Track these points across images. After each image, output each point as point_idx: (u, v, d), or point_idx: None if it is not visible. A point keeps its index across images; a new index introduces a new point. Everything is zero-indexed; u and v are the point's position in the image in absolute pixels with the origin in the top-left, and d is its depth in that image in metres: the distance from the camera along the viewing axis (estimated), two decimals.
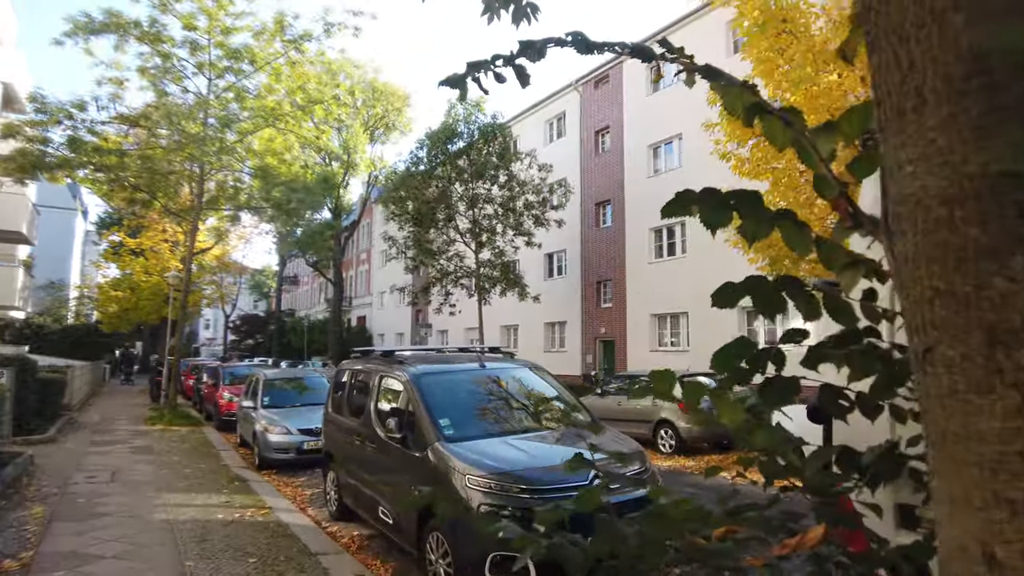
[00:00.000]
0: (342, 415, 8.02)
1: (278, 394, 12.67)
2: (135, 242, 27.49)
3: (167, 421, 16.21)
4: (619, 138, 26.91)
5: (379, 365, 7.33)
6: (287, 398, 12.60)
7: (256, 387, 12.98)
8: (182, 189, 18.05)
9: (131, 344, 53.38)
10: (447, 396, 6.32)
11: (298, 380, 13.23)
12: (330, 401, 8.67)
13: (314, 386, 13.19)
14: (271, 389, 12.69)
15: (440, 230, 24.97)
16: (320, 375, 13.61)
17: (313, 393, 12.96)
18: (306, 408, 12.27)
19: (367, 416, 7.05)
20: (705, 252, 22.92)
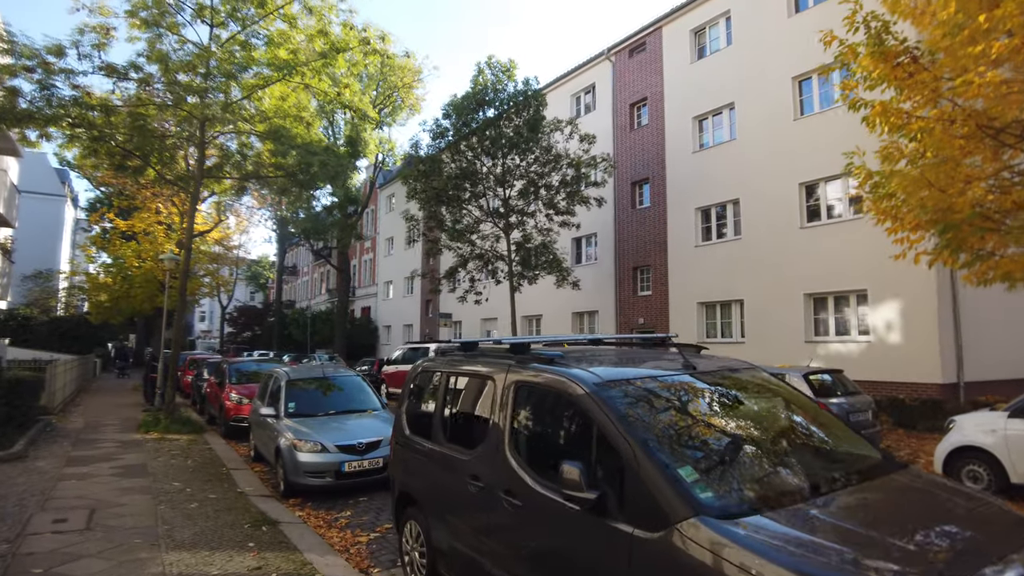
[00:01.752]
0: (431, 440, 5.24)
1: (306, 399, 9.83)
2: (126, 224, 24.46)
3: (163, 428, 13.35)
4: (658, 111, 24.14)
5: (501, 365, 4.56)
6: (317, 403, 9.78)
7: (276, 390, 10.15)
8: (179, 154, 15.07)
9: (124, 337, 50.39)
10: (670, 426, 3.55)
11: (329, 381, 10.38)
12: (404, 416, 5.88)
13: (350, 388, 10.37)
14: (297, 393, 9.84)
15: (466, 209, 22.12)
16: (354, 373, 10.76)
17: (349, 396, 10.16)
18: (343, 417, 9.49)
19: (492, 449, 4.29)
20: (763, 233, 20.25)
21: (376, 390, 10.56)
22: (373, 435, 8.91)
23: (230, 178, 15.14)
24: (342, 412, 9.60)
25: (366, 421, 9.42)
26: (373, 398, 10.23)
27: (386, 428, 9.16)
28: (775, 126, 20.15)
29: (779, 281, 19.55)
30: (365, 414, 9.69)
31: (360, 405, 9.95)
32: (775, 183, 19.91)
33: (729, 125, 21.88)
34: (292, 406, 9.53)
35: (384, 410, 10.03)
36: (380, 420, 9.51)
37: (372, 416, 9.65)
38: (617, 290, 25.10)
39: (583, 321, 27.25)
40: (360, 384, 10.48)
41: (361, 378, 10.67)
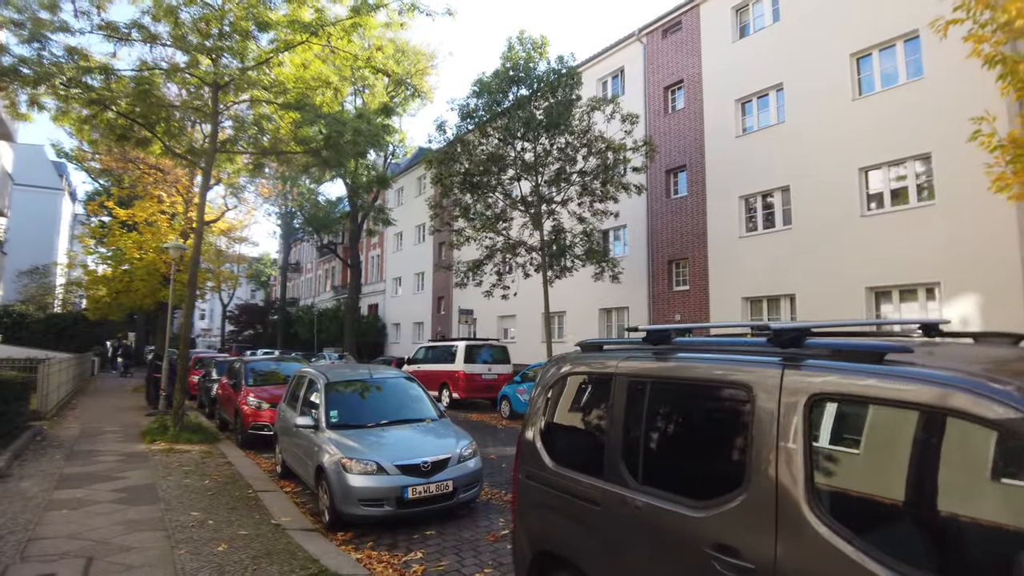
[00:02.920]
0: (606, 478, 3.41)
1: (350, 406, 7.96)
2: (126, 213, 22.50)
3: (172, 436, 11.46)
4: (696, 94, 22.36)
5: (766, 364, 2.72)
6: (365, 412, 7.91)
7: (312, 395, 8.30)
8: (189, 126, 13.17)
9: (123, 335, 48.40)
10: None
11: (377, 384, 8.49)
12: (538, 439, 4.05)
13: (401, 392, 8.50)
14: (339, 398, 7.97)
15: (494, 196, 20.27)
16: (404, 374, 8.88)
17: (402, 403, 8.30)
18: (397, 429, 7.63)
19: (764, 504, 2.48)
20: (817, 222, 18.47)
21: (431, 396, 8.71)
22: (439, 452, 7.08)
23: (246, 153, 13.25)
24: (395, 423, 7.74)
25: (426, 434, 7.58)
26: (429, 405, 8.39)
27: (452, 443, 7.35)
28: (830, 107, 18.41)
29: (836, 274, 17.81)
30: (422, 424, 7.85)
31: (415, 413, 8.11)
32: (831, 168, 18.18)
33: (776, 107, 20.13)
34: (335, 415, 7.66)
35: (444, 419, 8.19)
36: (443, 432, 7.67)
37: (432, 427, 7.81)
38: (650, 285, 23.31)
39: (611, 318, 25.45)
40: (413, 388, 8.63)
41: (416, 381, 8.81)
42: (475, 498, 7.42)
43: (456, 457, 7.13)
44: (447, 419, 8.21)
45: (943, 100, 16.09)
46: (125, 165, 23.39)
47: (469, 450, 7.39)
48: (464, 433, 7.80)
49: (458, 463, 7.13)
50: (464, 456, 7.25)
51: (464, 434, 7.75)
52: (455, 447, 7.26)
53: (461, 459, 7.19)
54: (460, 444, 7.37)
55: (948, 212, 15.85)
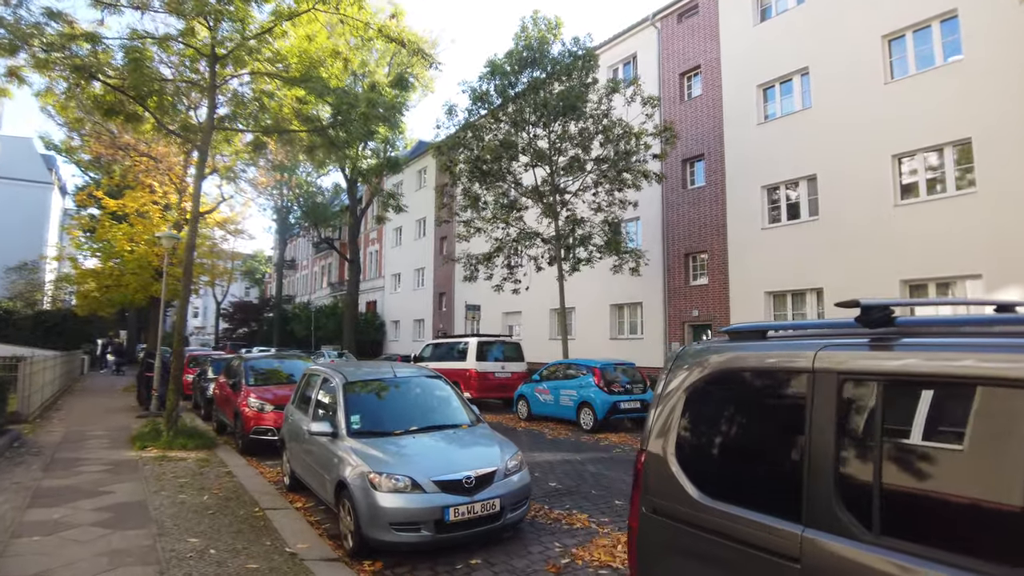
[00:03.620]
0: (804, 520, 2.30)
1: (373, 410, 6.80)
2: (116, 204, 21.19)
3: (165, 442, 10.26)
4: (714, 79, 21.29)
5: None
6: (391, 417, 6.74)
7: (328, 397, 7.14)
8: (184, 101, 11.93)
9: (115, 333, 47.03)
10: None
11: (402, 385, 7.30)
12: (675, 463, 2.92)
13: (430, 394, 7.34)
14: (360, 401, 6.81)
15: (505, 184, 19.12)
16: (433, 373, 7.69)
17: (431, 406, 7.15)
18: (429, 436, 6.46)
19: None
20: (847, 212, 17.44)
21: (463, 396, 7.55)
22: (482, 464, 5.95)
23: (246, 131, 12.06)
24: (426, 429, 6.58)
25: (464, 443, 6.44)
26: (463, 407, 7.25)
27: (496, 453, 6.22)
28: (860, 92, 17.38)
29: (868, 266, 16.80)
30: (457, 431, 6.70)
31: (448, 418, 6.96)
32: (861, 156, 17.17)
33: (801, 93, 19.09)
34: (356, 421, 6.50)
35: (481, 424, 7.04)
36: (483, 440, 6.53)
37: (469, 434, 6.66)
38: (666, 279, 22.23)
39: (623, 314, 24.36)
40: (443, 388, 7.47)
41: (445, 380, 7.65)
42: (523, 518, 6.30)
43: (502, 470, 6.01)
44: (484, 424, 7.07)
45: (984, 82, 15.11)
46: (115, 152, 22.07)
47: (515, 461, 6.27)
48: (507, 441, 6.67)
49: (504, 477, 6.00)
50: (511, 469, 6.13)
51: (507, 442, 6.63)
52: (500, 458, 6.13)
53: (507, 472, 6.07)
54: (505, 454, 6.24)
55: (990, 200, 14.85)
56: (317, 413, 7.32)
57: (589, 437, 12.66)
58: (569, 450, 11.07)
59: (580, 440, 12.22)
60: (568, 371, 14.15)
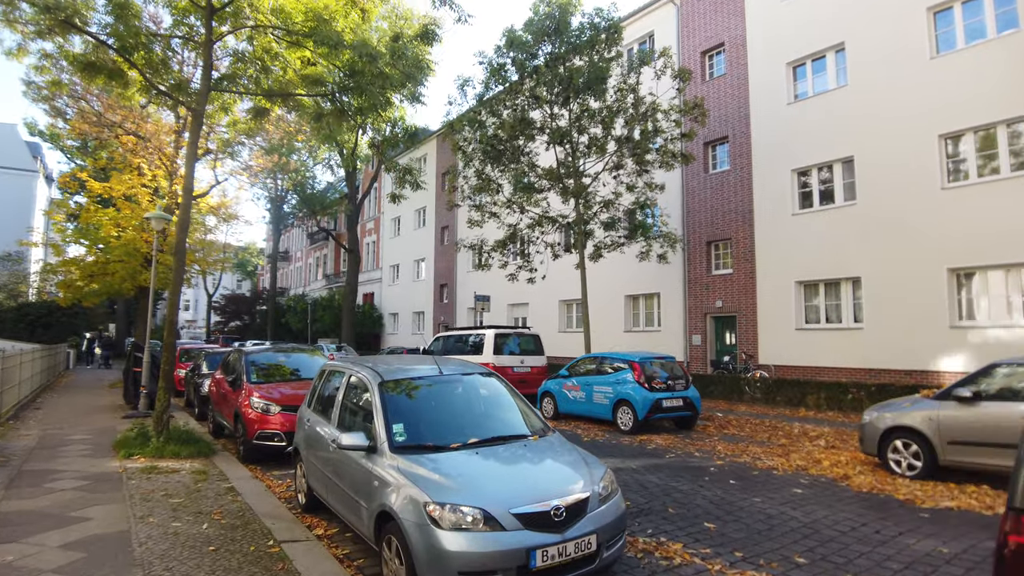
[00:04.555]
0: None
1: (420, 416, 5.28)
2: (102, 186, 19.43)
3: (154, 449, 8.70)
4: (739, 58, 19.88)
5: None
6: (443, 426, 5.21)
7: (358, 398, 5.64)
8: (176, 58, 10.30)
9: (104, 327, 45.15)
10: None
11: (453, 385, 5.73)
12: None
13: (486, 396, 5.82)
14: (403, 406, 5.29)
15: (521, 165, 17.61)
16: (480, 368, 6.15)
17: (488, 412, 5.65)
18: (496, 451, 4.94)
19: None
20: (887, 196, 16.10)
21: (524, 398, 6.05)
22: (570, 489, 4.48)
23: (246, 93, 10.46)
24: (488, 441, 5.07)
25: (540, 459, 4.95)
26: (529, 412, 5.76)
27: (583, 473, 4.77)
28: (902, 68, 16.05)
29: (911, 254, 15.52)
30: (527, 443, 5.20)
31: (511, 426, 5.46)
32: (904, 136, 15.86)
33: (836, 70, 17.72)
34: (401, 431, 4.99)
35: (553, 433, 5.54)
36: (563, 455, 5.05)
37: (542, 447, 5.16)
38: (686, 268, 20.85)
39: (638, 305, 22.96)
40: (501, 388, 5.97)
41: (500, 378, 6.15)
42: (620, 556, 4.85)
43: (596, 495, 4.55)
44: (556, 432, 5.58)
45: None
46: (100, 131, 20.31)
47: (607, 482, 4.81)
48: (592, 456, 5.20)
49: (599, 505, 4.55)
50: (604, 493, 4.67)
51: (593, 458, 5.16)
52: (590, 479, 4.67)
53: (602, 498, 4.61)
54: (595, 474, 4.78)
55: None
56: (344, 419, 5.82)
57: (630, 439, 11.24)
58: (615, 455, 9.64)
59: (621, 443, 10.80)
60: (602, 366, 12.71)
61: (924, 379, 15.09)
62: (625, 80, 16.27)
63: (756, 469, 8.68)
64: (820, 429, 11.77)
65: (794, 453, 9.63)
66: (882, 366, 15.95)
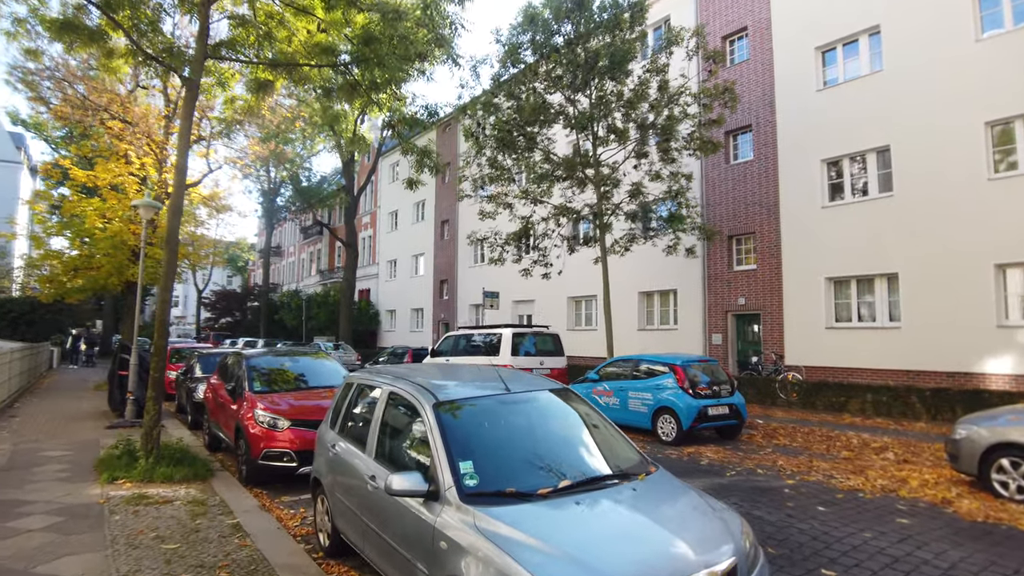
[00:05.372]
0: None
1: (493, 451, 4.01)
2: (86, 174, 17.93)
3: (143, 472, 7.36)
4: (763, 43, 18.72)
5: None
6: (523, 464, 3.93)
7: (404, 423, 4.37)
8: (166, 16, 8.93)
9: (92, 323, 43.42)
10: None
11: (521, 404, 4.43)
12: None
13: (571, 420, 4.52)
14: (467, 435, 4.00)
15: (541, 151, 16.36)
16: (554, 384, 4.86)
17: (578, 441, 4.36)
18: (603, 501, 3.64)
19: None
20: (928, 188, 15.00)
21: (611, 422, 4.79)
22: (713, 554, 3.23)
23: (247, 62, 9.11)
24: (583, 484, 3.77)
25: (661, 510, 3.67)
26: (622, 442, 4.49)
27: (717, 526, 3.53)
28: (944, 51, 14.95)
29: (954, 248, 14.45)
30: (636, 485, 3.88)
31: (605, 462, 4.18)
32: (946, 124, 14.78)
33: (870, 54, 16.59)
34: (471, 472, 3.69)
35: (659, 471, 4.23)
36: (683, 501, 3.80)
37: (655, 491, 3.89)
38: (705, 264, 19.69)
39: (653, 303, 21.79)
40: (583, 411, 4.68)
41: (577, 394, 4.89)
42: None
43: (743, 557, 3.32)
44: (661, 468, 4.30)
45: None
46: (84, 114, 18.79)
47: (748, 537, 3.59)
48: (715, 500, 3.96)
49: (750, 573, 3.33)
50: (752, 554, 3.46)
51: (717, 502, 3.91)
52: (729, 536, 3.43)
53: (751, 561, 3.39)
54: (733, 528, 3.55)
55: None
56: (384, 449, 4.55)
57: (675, 451, 10.06)
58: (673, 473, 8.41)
59: (668, 456, 9.61)
60: (638, 369, 11.49)
61: (968, 382, 14.06)
62: (654, 61, 15.02)
63: (837, 491, 7.51)
64: (880, 439, 10.64)
65: (870, 470, 8.47)
66: (921, 367, 14.89)
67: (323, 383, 9.30)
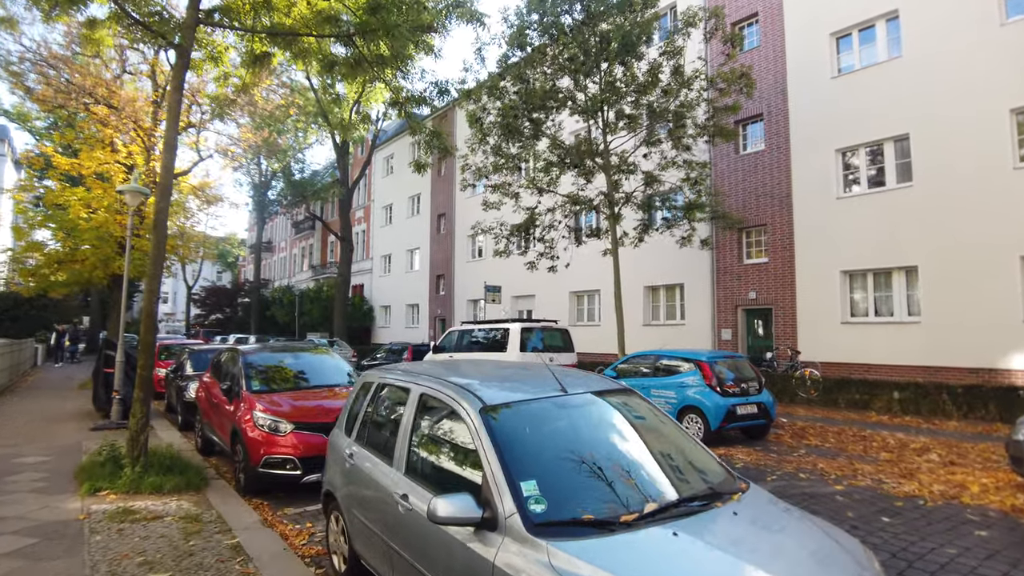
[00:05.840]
0: None
1: (560, 467, 3.25)
2: (69, 162, 16.95)
3: (130, 482, 6.55)
4: (775, 29, 18.06)
5: None
6: (597, 482, 3.18)
7: (436, 431, 3.60)
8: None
9: (79, 320, 42.15)
10: None
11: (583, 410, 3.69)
12: None
13: (643, 428, 3.78)
14: (526, 447, 3.25)
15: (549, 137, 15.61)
16: (615, 385, 4.14)
17: (656, 452, 3.59)
18: (703, 530, 2.88)
19: None
20: (949, 178, 14.39)
21: (685, 431, 4.05)
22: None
23: (243, 30, 8.28)
24: (674, 508, 3.03)
25: (773, 540, 2.93)
26: (703, 453, 3.73)
27: (843, 560, 2.76)
28: (967, 36, 14.35)
29: (977, 240, 13.86)
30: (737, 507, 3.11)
31: (691, 480, 3.43)
32: (969, 112, 14.18)
33: (887, 40, 15.96)
34: (536, 493, 2.94)
35: (753, 488, 3.48)
36: (796, 527, 3.06)
37: (758, 515, 3.13)
38: (714, 257, 19.03)
39: (659, 297, 21.11)
40: (654, 416, 3.95)
41: (643, 398, 4.15)
42: None
43: None
44: (755, 486, 3.55)
45: None
46: (67, 98, 17.78)
47: (878, 569, 2.86)
48: (824, 522, 3.22)
49: None
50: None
51: (830, 525, 3.18)
52: (859, 570, 2.70)
53: None
54: (859, 558, 2.83)
55: None
56: (416, 462, 3.79)
57: None
58: None
59: None
60: (659, 365, 10.78)
61: (992, 378, 13.48)
62: (671, 42, 14.29)
63: (894, 498, 6.84)
64: (917, 439, 9.99)
65: (920, 474, 7.80)
66: (942, 363, 14.31)
67: (326, 381, 8.53)
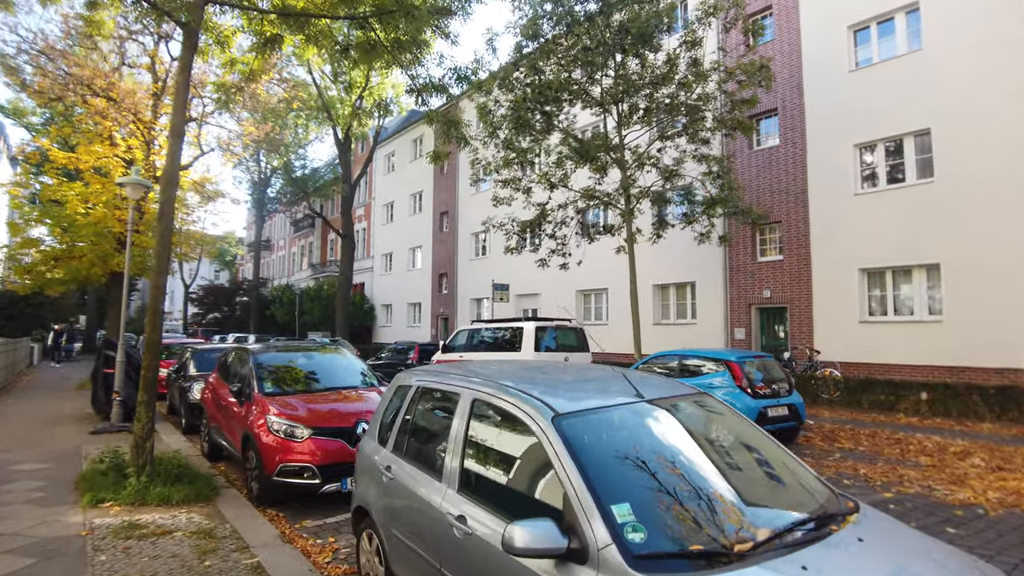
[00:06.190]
0: None
1: (650, 485, 2.76)
2: (66, 156, 16.38)
3: (134, 493, 6.05)
4: (790, 22, 17.63)
5: None
6: (699, 507, 2.70)
7: (500, 444, 3.12)
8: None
9: (75, 319, 41.53)
10: None
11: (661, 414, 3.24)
12: None
13: (727, 438, 3.31)
14: (612, 464, 2.80)
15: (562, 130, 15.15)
16: (687, 389, 3.68)
17: (744, 467, 3.14)
18: (819, 560, 2.44)
19: None
20: (973, 173, 13.96)
21: (775, 441, 3.59)
22: None
23: (254, 10, 7.78)
24: (789, 535, 2.58)
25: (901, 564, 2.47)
26: (797, 468, 3.26)
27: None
28: (991, 28, 13.94)
29: (1004, 237, 13.46)
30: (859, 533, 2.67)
31: (797, 501, 2.98)
32: (994, 106, 13.77)
33: (907, 33, 15.54)
34: (632, 520, 2.48)
35: (862, 511, 3.02)
36: (932, 558, 2.59)
37: (887, 544, 2.68)
38: (726, 255, 18.60)
39: (669, 296, 20.66)
40: (744, 428, 3.47)
41: (727, 406, 3.68)
42: None
43: None
44: (866, 506, 3.08)
45: None
46: (64, 90, 17.20)
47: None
48: (965, 554, 2.75)
49: None
50: None
51: (973, 560, 2.71)
52: None
53: None
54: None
55: None
56: (472, 478, 3.30)
57: None
58: None
59: None
60: (685, 366, 10.32)
61: (1018, 378, 13.07)
62: (691, 32, 13.83)
63: (951, 506, 6.40)
64: (957, 443, 9.56)
65: (972, 480, 7.37)
66: (966, 363, 13.90)
67: (341, 383, 8.04)
